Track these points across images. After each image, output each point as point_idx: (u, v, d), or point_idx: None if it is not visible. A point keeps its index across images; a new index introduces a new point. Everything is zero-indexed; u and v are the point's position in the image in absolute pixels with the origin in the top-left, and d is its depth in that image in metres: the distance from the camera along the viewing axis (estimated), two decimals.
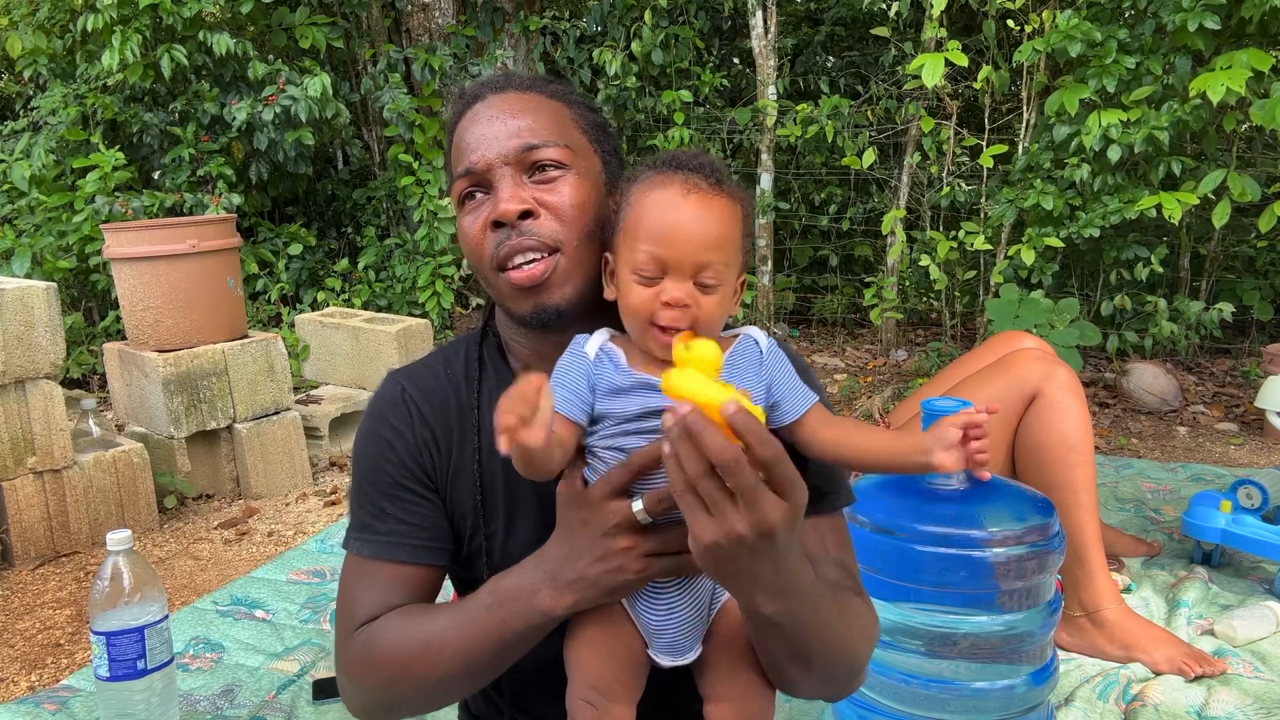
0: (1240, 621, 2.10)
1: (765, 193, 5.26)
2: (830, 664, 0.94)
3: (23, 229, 4.77)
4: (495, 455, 1.06)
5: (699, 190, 0.93)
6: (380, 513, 1.04)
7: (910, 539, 1.54)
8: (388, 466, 1.05)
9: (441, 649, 0.95)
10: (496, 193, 1.01)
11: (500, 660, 0.96)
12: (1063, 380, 1.99)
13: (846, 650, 0.95)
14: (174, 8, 4.73)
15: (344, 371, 4.03)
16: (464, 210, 1.05)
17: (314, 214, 6.07)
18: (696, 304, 0.92)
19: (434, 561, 1.05)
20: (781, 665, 0.93)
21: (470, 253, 1.05)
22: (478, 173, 1.01)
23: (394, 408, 1.08)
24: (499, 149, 1.01)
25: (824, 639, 0.91)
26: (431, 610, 1.00)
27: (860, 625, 0.99)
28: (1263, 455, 3.54)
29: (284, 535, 3.00)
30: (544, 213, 1.00)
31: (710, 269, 0.92)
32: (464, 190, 1.04)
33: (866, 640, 1.00)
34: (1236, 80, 3.44)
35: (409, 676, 0.97)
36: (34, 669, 2.23)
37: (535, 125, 1.02)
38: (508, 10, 5.82)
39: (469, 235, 1.03)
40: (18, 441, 2.74)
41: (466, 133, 1.04)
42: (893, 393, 4.20)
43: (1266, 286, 4.75)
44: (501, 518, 1.06)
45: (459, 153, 1.04)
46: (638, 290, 0.93)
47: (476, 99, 1.05)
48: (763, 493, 0.78)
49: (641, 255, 0.92)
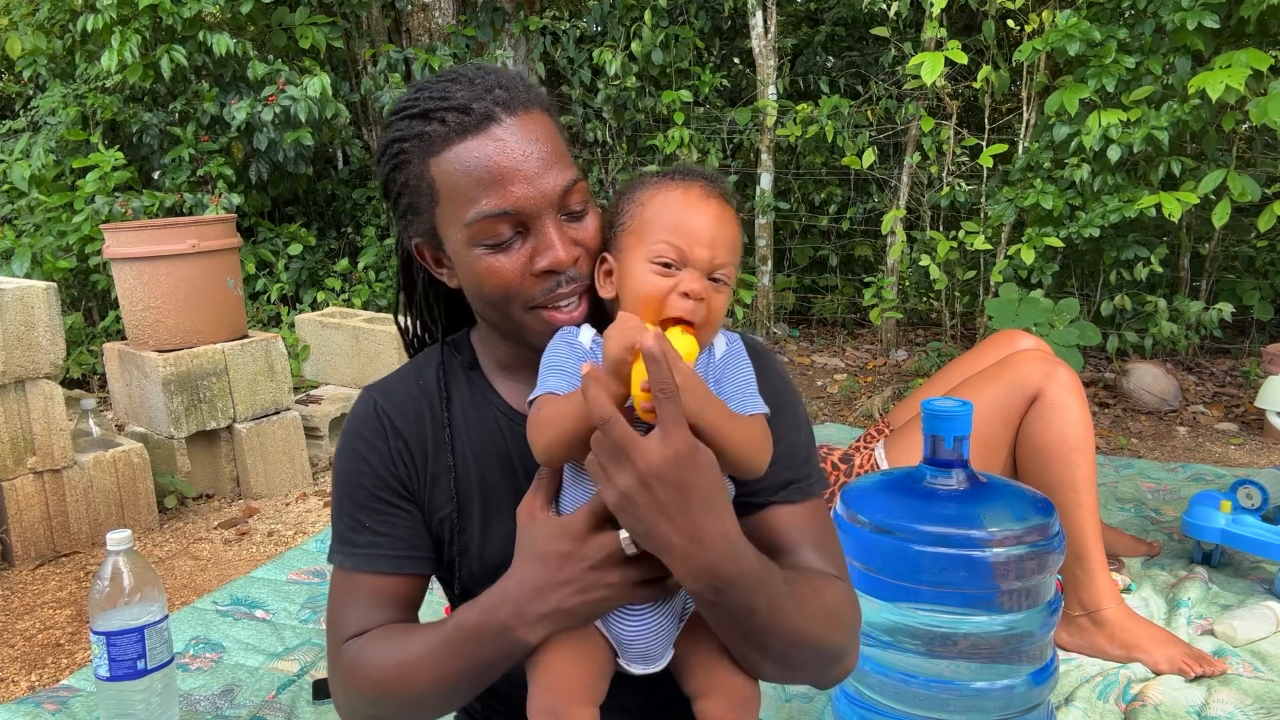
0: (1240, 621, 2.10)
1: (765, 193, 5.26)
2: (789, 650, 0.93)
3: (22, 229, 4.77)
4: (470, 463, 1.08)
5: (716, 195, 0.97)
6: (359, 526, 1.05)
7: (910, 539, 1.54)
8: (363, 480, 1.06)
9: (418, 674, 0.96)
10: (541, 239, 0.97)
11: (476, 684, 0.97)
12: (1064, 380, 1.99)
13: (806, 636, 0.93)
14: (174, 8, 4.73)
15: (344, 371, 4.03)
16: (479, 248, 0.98)
17: (314, 214, 6.07)
18: (709, 301, 0.94)
19: (414, 571, 1.06)
20: (737, 647, 0.93)
21: (499, 292, 0.99)
22: (521, 213, 0.96)
23: (367, 423, 1.08)
24: (542, 189, 0.96)
25: (776, 625, 0.90)
26: (409, 633, 1.01)
27: (827, 609, 0.96)
28: (1263, 455, 3.54)
29: (284, 535, 3.00)
30: (580, 253, 0.99)
31: (724, 269, 0.95)
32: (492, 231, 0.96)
33: (836, 624, 0.97)
34: (1236, 79, 3.44)
35: (389, 697, 0.99)
36: (34, 669, 2.23)
37: (560, 155, 0.98)
38: (508, 10, 5.82)
39: (504, 276, 0.98)
40: (18, 441, 2.74)
41: (482, 159, 0.95)
42: (893, 393, 4.20)
43: (1266, 286, 4.75)
44: (477, 523, 1.07)
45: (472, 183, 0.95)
46: (653, 278, 0.94)
47: (489, 119, 0.95)
48: (633, 441, 0.81)
49: (663, 245, 0.94)
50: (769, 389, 1.02)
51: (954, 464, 1.60)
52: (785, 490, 1.03)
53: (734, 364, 0.99)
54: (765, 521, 1.03)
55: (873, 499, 1.63)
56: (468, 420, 1.09)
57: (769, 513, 1.03)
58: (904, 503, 1.60)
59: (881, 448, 2.15)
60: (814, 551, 1.03)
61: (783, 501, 1.03)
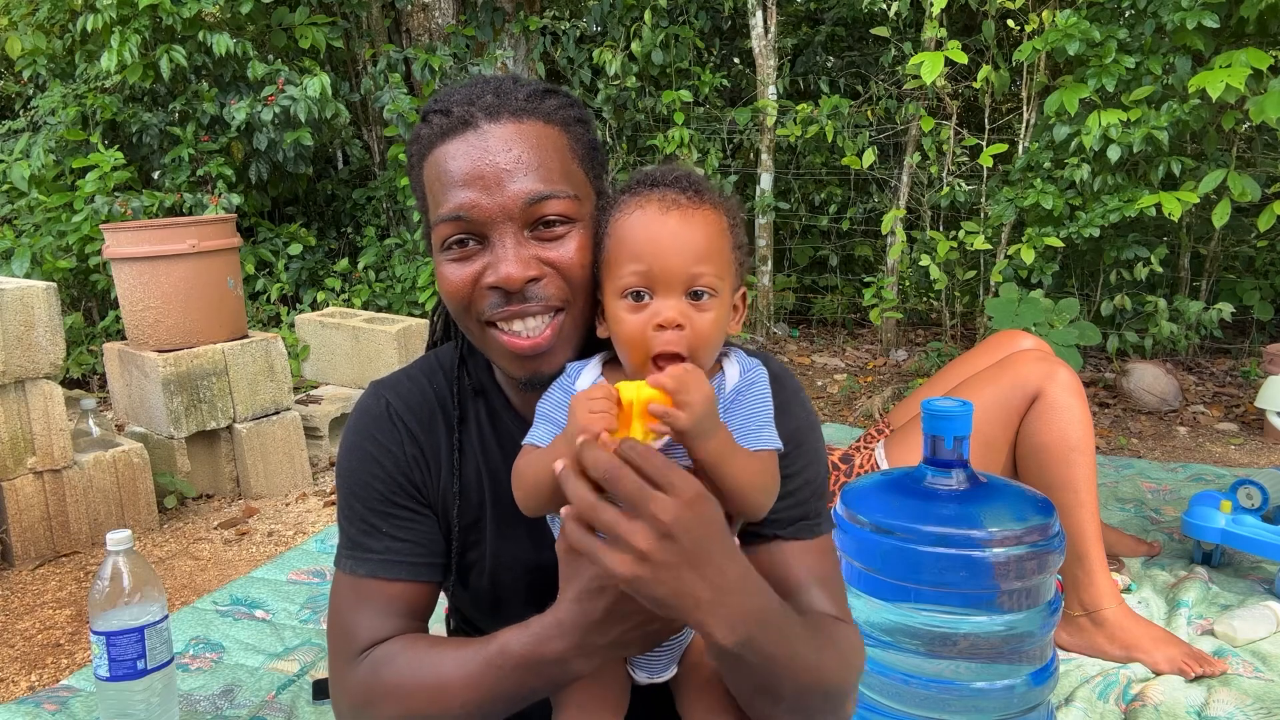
0: (1240, 621, 2.10)
1: (765, 193, 5.26)
2: (802, 696, 0.89)
3: (22, 229, 4.77)
4: (483, 476, 1.05)
5: (678, 204, 0.90)
6: (374, 530, 1.01)
7: (910, 539, 1.54)
8: (377, 484, 1.02)
9: (451, 698, 0.91)
10: (495, 252, 0.92)
11: (511, 709, 0.93)
12: (1064, 381, 1.99)
13: (819, 681, 0.90)
14: (173, 8, 4.72)
15: (344, 371, 4.03)
16: (447, 254, 0.95)
17: (314, 214, 6.07)
18: (690, 324, 0.88)
19: (430, 579, 1.03)
20: (747, 697, 0.89)
21: (453, 302, 0.96)
22: (471, 221, 0.91)
23: (380, 423, 1.04)
24: (499, 199, 0.90)
25: (793, 671, 0.86)
26: (439, 651, 0.95)
27: (839, 654, 0.93)
28: (1263, 455, 3.54)
29: (284, 535, 3.00)
30: (549, 273, 0.93)
31: (701, 281, 0.88)
32: (450, 237, 0.93)
33: (846, 669, 0.94)
34: (1236, 78, 3.44)
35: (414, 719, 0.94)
36: (34, 669, 2.23)
37: (538, 166, 0.92)
38: (508, 10, 5.82)
39: (452, 284, 0.95)
40: (18, 441, 2.74)
41: (451, 162, 0.92)
42: (893, 393, 4.20)
43: (1266, 286, 4.75)
44: (489, 539, 1.05)
45: (441, 186, 0.93)
46: (628, 318, 0.88)
47: (465, 124, 0.92)
48: (648, 494, 0.75)
49: (627, 277, 0.88)
50: (790, 422, 0.98)
51: (954, 464, 1.60)
52: (794, 527, 0.99)
53: (747, 395, 0.93)
54: (773, 557, 0.98)
55: (873, 499, 1.63)
56: (481, 433, 1.06)
57: (776, 548, 0.98)
58: (904, 503, 1.60)
59: (881, 448, 2.15)
60: (821, 592, 0.99)
61: (791, 538, 0.99)
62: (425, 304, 5.00)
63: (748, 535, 0.98)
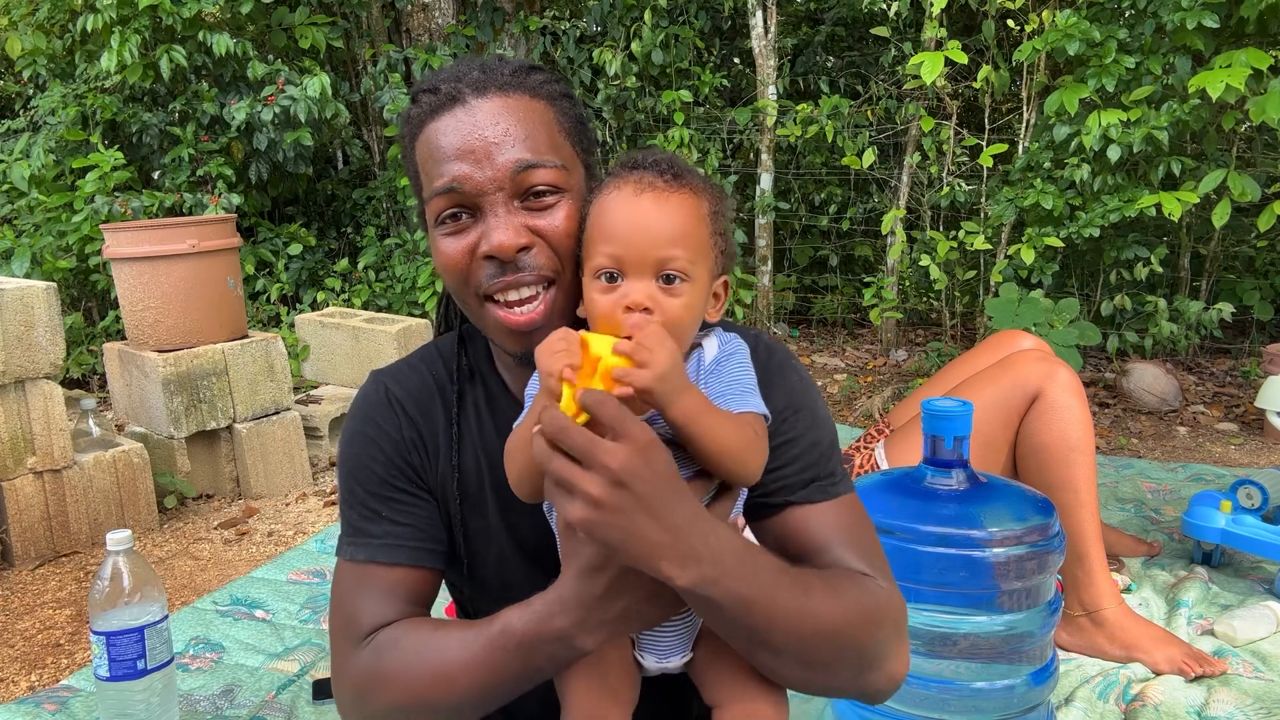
0: (1240, 621, 2.10)
1: (765, 193, 5.26)
2: (806, 647, 0.88)
3: (22, 229, 4.77)
4: (482, 460, 1.05)
5: (654, 187, 0.90)
6: (374, 515, 1.01)
7: (910, 539, 1.54)
8: (376, 467, 1.02)
9: (455, 682, 0.91)
10: (488, 222, 0.94)
11: (517, 691, 0.92)
12: (1064, 381, 1.99)
13: (821, 630, 0.88)
14: (173, 8, 4.73)
15: (344, 371, 4.03)
16: (441, 228, 0.97)
17: (314, 214, 6.08)
18: (659, 307, 0.88)
19: (432, 564, 1.02)
20: (749, 651, 0.88)
21: (450, 277, 0.98)
22: (464, 193, 0.94)
23: (379, 409, 1.05)
24: (490, 170, 0.93)
25: (784, 618, 0.85)
26: (443, 634, 0.94)
27: (853, 603, 0.91)
28: (1263, 455, 3.54)
29: (284, 535, 3.00)
30: (539, 243, 0.95)
31: (672, 264, 0.88)
32: (444, 210, 0.96)
33: (866, 621, 0.91)
34: (1236, 78, 3.44)
35: (419, 704, 0.93)
36: (34, 669, 2.23)
37: (526, 138, 0.94)
38: (508, 10, 5.82)
39: (449, 258, 0.96)
40: (18, 441, 2.74)
41: (442, 138, 0.95)
42: (893, 393, 4.20)
43: (1266, 286, 4.75)
44: (493, 522, 1.05)
45: (434, 163, 0.95)
46: (600, 299, 0.89)
47: (454, 100, 0.95)
48: (596, 444, 0.77)
49: (599, 257, 0.89)
50: (785, 389, 0.99)
51: (954, 464, 1.60)
52: (807, 489, 0.98)
53: (726, 366, 0.94)
54: (789, 523, 0.98)
55: (873, 499, 1.63)
56: (479, 417, 1.06)
57: (792, 514, 0.98)
58: (904, 503, 1.60)
59: (881, 448, 2.15)
60: (846, 550, 0.97)
61: (804, 501, 0.98)
62: (425, 304, 5.00)
63: (762, 505, 0.98)
